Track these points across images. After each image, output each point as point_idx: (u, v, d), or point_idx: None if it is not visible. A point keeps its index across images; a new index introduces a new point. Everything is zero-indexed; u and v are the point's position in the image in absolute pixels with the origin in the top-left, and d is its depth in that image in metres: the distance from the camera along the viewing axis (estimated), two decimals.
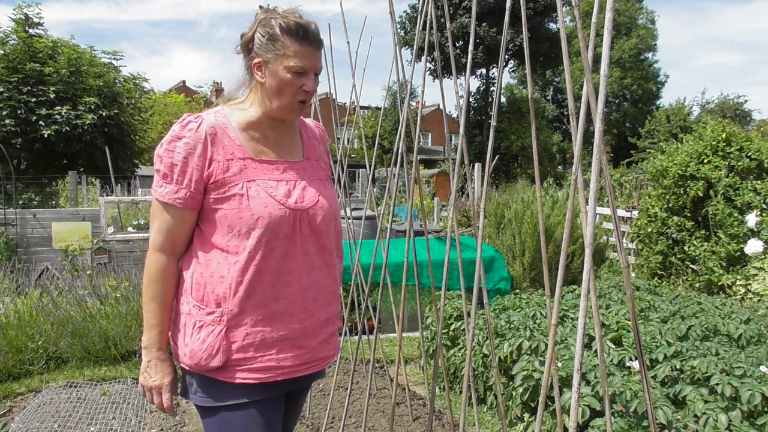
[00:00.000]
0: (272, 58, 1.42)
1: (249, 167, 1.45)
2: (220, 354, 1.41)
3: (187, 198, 1.41)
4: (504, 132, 27.88)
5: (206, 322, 1.43)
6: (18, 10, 13.90)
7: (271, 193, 1.43)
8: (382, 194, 14.69)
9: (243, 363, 1.43)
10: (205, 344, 1.41)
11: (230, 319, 1.42)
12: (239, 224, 1.40)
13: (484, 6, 24.89)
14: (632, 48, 33.78)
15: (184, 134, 1.42)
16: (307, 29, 1.43)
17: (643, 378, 1.52)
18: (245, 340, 1.42)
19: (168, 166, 1.41)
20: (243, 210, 1.40)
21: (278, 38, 1.41)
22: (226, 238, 1.42)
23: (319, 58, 1.46)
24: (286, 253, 1.45)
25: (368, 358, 4.11)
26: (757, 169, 5.86)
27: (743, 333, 3.07)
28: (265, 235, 1.41)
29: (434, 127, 34.71)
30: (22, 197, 10.42)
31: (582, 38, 1.49)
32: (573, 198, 1.65)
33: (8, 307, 4.43)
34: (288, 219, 1.44)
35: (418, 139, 2.49)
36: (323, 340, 1.56)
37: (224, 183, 1.42)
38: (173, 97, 25.42)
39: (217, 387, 1.46)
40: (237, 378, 1.43)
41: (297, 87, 1.44)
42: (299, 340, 1.49)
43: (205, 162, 1.42)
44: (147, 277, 1.45)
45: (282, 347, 1.46)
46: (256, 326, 1.43)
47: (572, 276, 6.32)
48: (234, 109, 1.51)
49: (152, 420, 3.40)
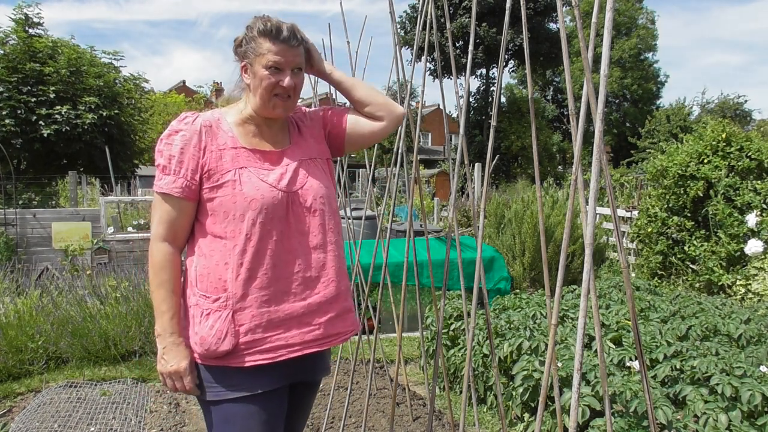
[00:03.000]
0: (253, 59, 1.53)
1: (241, 155, 1.53)
2: (230, 337, 1.45)
3: (184, 187, 1.49)
4: (504, 132, 27.87)
5: (213, 309, 1.47)
6: (18, 10, 13.88)
7: (263, 178, 1.51)
8: (382, 194, 14.69)
9: (252, 345, 1.47)
10: (213, 329, 1.46)
11: (235, 302, 1.47)
12: (234, 209, 1.47)
13: (484, 6, 24.88)
14: (632, 48, 33.77)
15: (181, 127, 1.52)
16: (280, 28, 1.51)
17: (643, 378, 1.53)
18: (252, 321, 1.47)
19: (167, 158, 1.50)
20: (236, 195, 1.47)
21: (255, 39, 1.52)
22: (224, 224, 1.48)
23: (296, 55, 1.54)
24: (282, 234, 1.51)
25: (368, 358, 4.11)
26: (757, 169, 5.86)
27: (743, 333, 3.07)
28: (260, 216, 1.47)
29: (434, 127, 34.69)
30: (22, 197, 10.41)
31: (582, 38, 1.49)
32: (573, 198, 1.65)
33: (8, 307, 4.43)
34: (281, 201, 1.50)
35: (418, 139, 2.49)
36: (336, 315, 1.59)
37: (217, 170, 1.49)
38: (173, 97, 25.43)
39: (222, 379, 1.48)
40: (248, 361, 1.47)
41: (274, 83, 1.52)
42: (306, 317, 1.53)
43: (200, 152, 1.50)
44: (152, 266, 1.50)
45: (289, 325, 1.51)
46: (261, 307, 1.48)
47: (572, 276, 6.32)
48: (231, 110, 1.62)
49: (152, 420, 3.40)
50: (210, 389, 1.50)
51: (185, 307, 1.53)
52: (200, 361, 1.50)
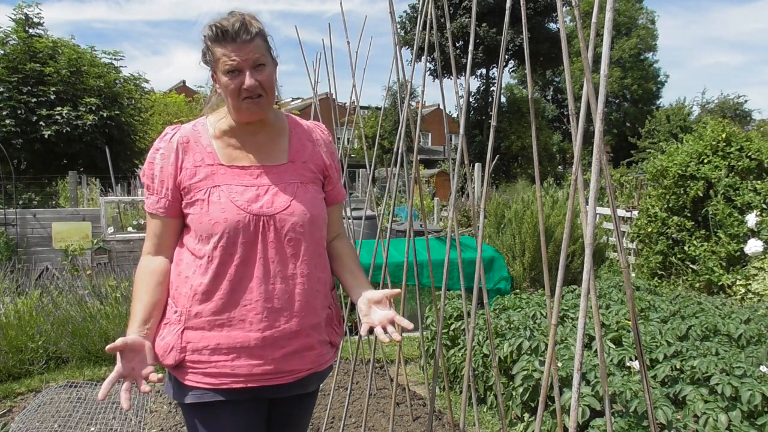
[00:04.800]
0: (214, 68, 1.46)
1: (217, 173, 1.47)
2: (174, 352, 1.43)
3: (167, 207, 1.48)
4: (504, 132, 27.87)
5: (171, 320, 1.46)
6: (18, 10, 13.86)
7: (233, 199, 1.44)
8: (382, 194, 14.69)
9: (196, 366, 1.44)
10: (163, 341, 1.45)
11: (187, 319, 1.44)
12: (200, 229, 1.44)
13: (484, 6, 24.88)
14: (632, 48, 33.77)
15: (160, 145, 1.50)
16: (226, 29, 1.39)
17: (643, 378, 1.53)
18: (200, 342, 1.43)
19: (150, 177, 1.50)
20: (203, 215, 1.44)
21: (210, 48, 1.44)
22: (194, 241, 1.47)
23: (251, 51, 1.41)
24: (246, 260, 1.43)
25: (368, 358, 4.11)
26: (757, 169, 5.86)
27: (743, 333, 3.07)
28: (221, 240, 1.42)
29: (434, 127, 34.67)
30: (22, 197, 10.41)
31: (582, 38, 1.49)
32: (573, 198, 1.65)
33: (8, 307, 4.43)
34: (248, 225, 1.43)
35: (418, 139, 2.49)
36: (291, 352, 1.48)
37: (191, 189, 1.46)
38: (173, 97, 25.39)
39: (178, 384, 1.49)
40: (187, 380, 1.45)
41: (237, 88, 1.42)
42: (258, 350, 1.44)
43: (176, 170, 1.48)
44: (136, 276, 1.52)
45: (238, 354, 1.43)
46: (212, 330, 1.43)
47: (572, 276, 6.32)
48: (217, 118, 1.54)
49: (152, 420, 3.40)
50: (174, 390, 1.51)
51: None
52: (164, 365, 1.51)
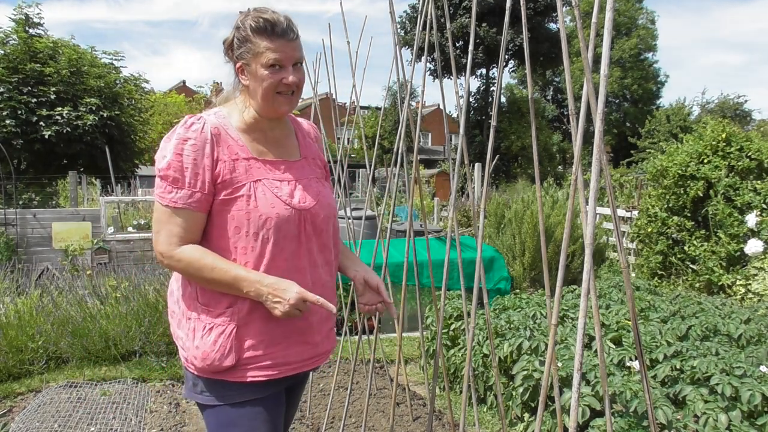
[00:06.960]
0: (250, 59, 1.44)
1: (254, 167, 1.47)
2: (233, 354, 1.43)
3: (201, 200, 1.42)
4: (504, 132, 27.86)
5: (216, 324, 1.44)
6: (18, 10, 13.88)
7: (277, 193, 1.46)
8: (382, 194, 14.68)
9: (253, 361, 1.45)
10: (216, 345, 1.42)
11: (241, 318, 1.44)
12: (247, 225, 1.42)
13: (484, 6, 24.87)
14: (632, 48, 33.77)
15: (189, 135, 1.42)
16: (276, 23, 1.42)
17: (643, 378, 1.53)
18: (256, 337, 1.45)
19: (178, 170, 1.40)
20: (251, 211, 1.42)
21: (250, 39, 1.43)
22: (234, 239, 1.43)
23: (294, 49, 1.45)
24: (293, 253, 1.48)
25: (368, 358, 4.11)
26: (757, 169, 5.86)
27: (743, 333, 3.07)
28: (274, 235, 1.43)
29: (434, 127, 34.68)
30: (22, 197, 10.42)
31: (582, 38, 1.49)
32: (573, 198, 1.65)
33: (8, 307, 4.43)
34: (293, 219, 1.47)
35: (418, 139, 2.49)
36: (325, 335, 1.60)
37: (231, 183, 1.43)
38: (173, 97, 25.38)
39: (223, 388, 1.47)
40: (248, 377, 1.45)
41: (277, 81, 1.44)
42: (304, 336, 1.52)
43: (213, 162, 1.43)
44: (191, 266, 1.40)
45: (289, 343, 1.50)
46: (266, 324, 1.45)
47: (572, 276, 6.32)
48: (232, 110, 1.53)
49: (152, 420, 3.40)
50: (209, 395, 1.48)
51: (185, 317, 1.49)
52: (197, 374, 1.46)
